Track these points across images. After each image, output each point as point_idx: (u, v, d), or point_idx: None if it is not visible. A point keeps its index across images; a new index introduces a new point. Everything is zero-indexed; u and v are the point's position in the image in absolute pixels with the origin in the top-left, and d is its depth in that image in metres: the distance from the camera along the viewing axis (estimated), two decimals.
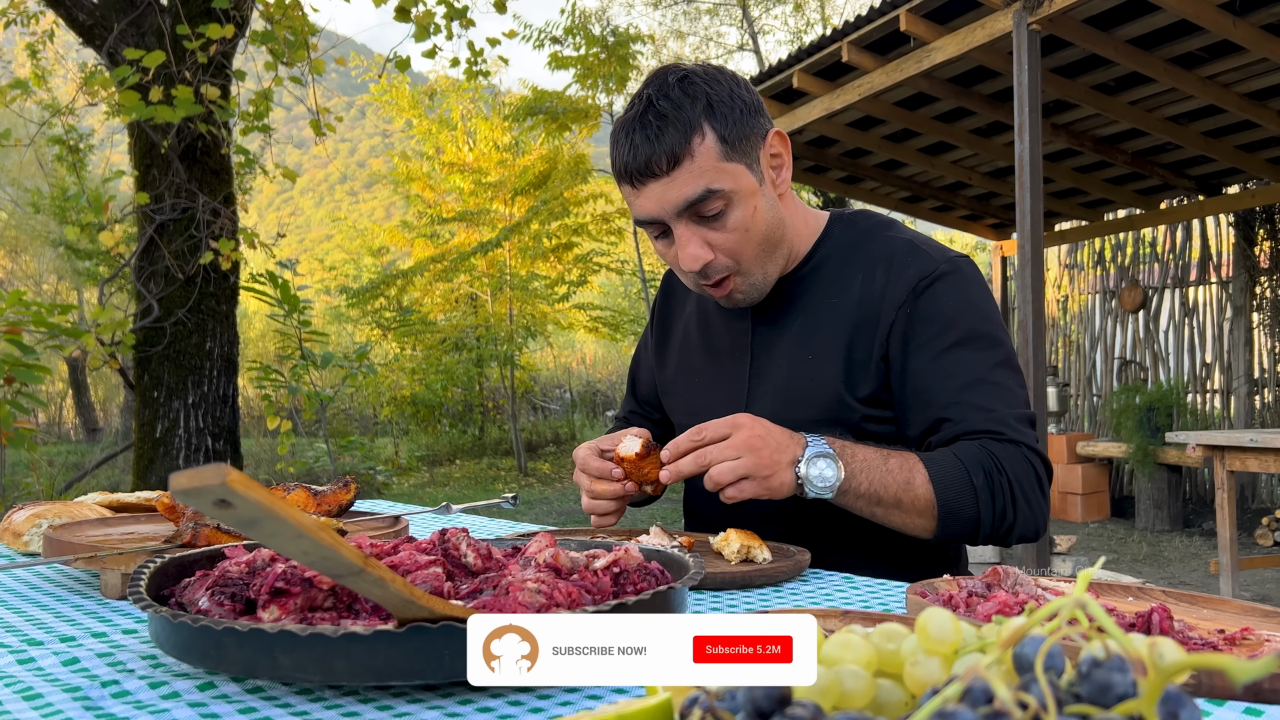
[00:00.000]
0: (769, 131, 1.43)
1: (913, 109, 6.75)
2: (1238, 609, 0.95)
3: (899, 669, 0.52)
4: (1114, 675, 0.40)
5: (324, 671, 0.70)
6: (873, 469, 1.30)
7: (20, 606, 1.08)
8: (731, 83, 1.40)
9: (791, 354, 1.50)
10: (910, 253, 1.47)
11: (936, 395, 1.39)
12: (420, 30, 5.85)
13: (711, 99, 1.36)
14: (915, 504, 1.32)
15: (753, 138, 1.39)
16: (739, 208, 1.39)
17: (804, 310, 1.51)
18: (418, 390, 14.68)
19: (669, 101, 1.35)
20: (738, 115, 1.37)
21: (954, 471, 1.32)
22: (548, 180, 14.08)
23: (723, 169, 1.36)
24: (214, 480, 0.49)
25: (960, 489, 1.32)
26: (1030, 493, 1.36)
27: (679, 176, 1.35)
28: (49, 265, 21.64)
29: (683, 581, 0.88)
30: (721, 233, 1.39)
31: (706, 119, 1.35)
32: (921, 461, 1.33)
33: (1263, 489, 8.06)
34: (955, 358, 1.40)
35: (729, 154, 1.36)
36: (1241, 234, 7.93)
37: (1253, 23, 5.17)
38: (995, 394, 1.39)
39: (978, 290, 1.46)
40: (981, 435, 1.36)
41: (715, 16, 21.46)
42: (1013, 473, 1.34)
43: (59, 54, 9.86)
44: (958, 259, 1.47)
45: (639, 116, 1.37)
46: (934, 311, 1.42)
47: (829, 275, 1.51)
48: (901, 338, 1.42)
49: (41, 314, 4.82)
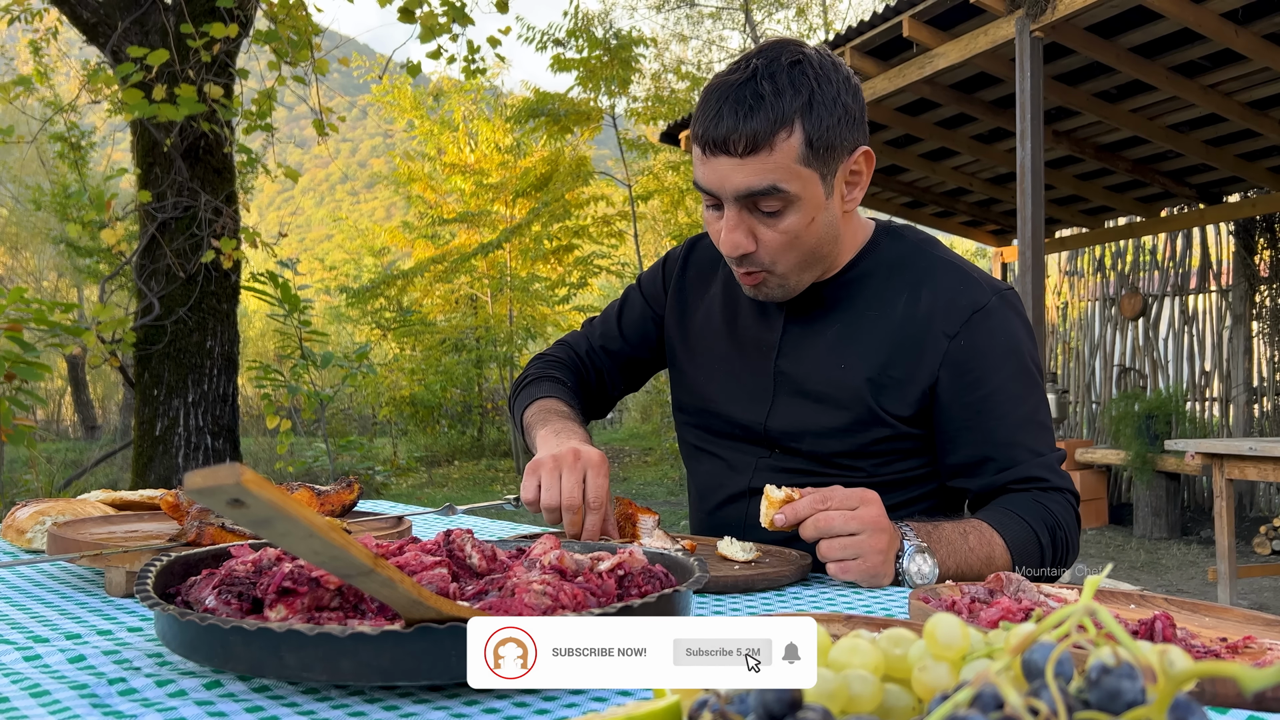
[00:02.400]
0: (859, 147, 1.39)
1: (914, 114, 6.76)
2: (1239, 617, 0.96)
3: (907, 674, 0.53)
4: (1123, 682, 0.41)
5: (330, 671, 0.71)
6: (958, 552, 1.31)
7: (25, 603, 1.08)
8: (842, 85, 1.35)
9: (823, 359, 1.48)
10: (962, 280, 1.46)
11: (985, 433, 1.42)
12: (426, 32, 5.85)
13: (815, 97, 1.31)
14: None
15: (840, 150, 1.35)
16: (797, 214, 1.36)
17: (841, 318, 1.49)
18: (417, 391, 14.69)
19: (772, 83, 1.30)
20: (835, 122, 1.33)
21: (1027, 539, 1.37)
22: (549, 182, 14.09)
23: (797, 172, 1.32)
24: (228, 480, 0.50)
25: (1032, 554, 1.38)
26: (1074, 537, 1.44)
27: (751, 163, 1.31)
28: (49, 262, 21.66)
29: (688, 585, 0.88)
30: (771, 230, 1.37)
31: (801, 116, 1.30)
32: (996, 533, 1.35)
33: (1261, 497, 8.06)
34: (1005, 396, 1.42)
35: (809, 159, 1.32)
36: (1242, 242, 7.94)
37: (1255, 32, 5.18)
38: (1041, 435, 1.44)
39: (1024, 325, 1.47)
40: (1031, 483, 1.42)
41: (718, 20, 21.49)
42: (1067, 525, 1.41)
43: (62, 51, 9.86)
44: (1005, 291, 1.47)
45: (738, 86, 1.31)
46: (987, 347, 1.42)
47: (873, 287, 1.49)
48: (954, 370, 1.42)
49: (43, 311, 4.82)
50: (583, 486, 1.32)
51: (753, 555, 1.29)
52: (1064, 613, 0.44)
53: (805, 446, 1.49)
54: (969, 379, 1.41)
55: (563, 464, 1.33)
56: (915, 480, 1.49)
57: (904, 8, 5.29)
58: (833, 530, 1.20)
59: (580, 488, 1.31)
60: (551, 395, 1.66)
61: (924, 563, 1.25)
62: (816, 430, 1.47)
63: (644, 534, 1.33)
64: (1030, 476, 1.41)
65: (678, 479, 12.02)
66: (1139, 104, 6.30)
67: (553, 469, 1.33)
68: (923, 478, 1.50)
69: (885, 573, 1.22)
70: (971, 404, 1.41)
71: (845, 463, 1.47)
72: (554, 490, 1.31)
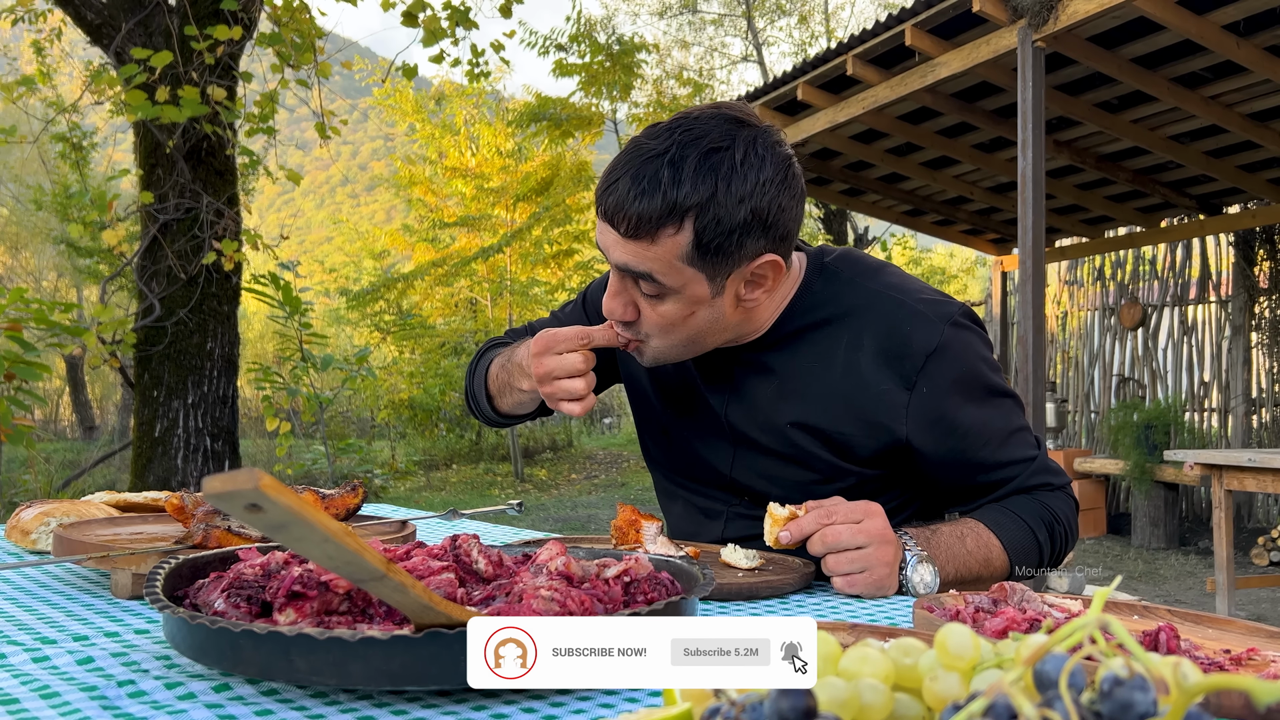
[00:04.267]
0: (762, 256, 1.29)
1: (916, 123, 6.77)
2: (1243, 629, 0.96)
3: (917, 683, 0.53)
4: (1135, 694, 0.41)
5: (340, 675, 0.71)
6: (956, 557, 1.32)
7: (31, 605, 1.08)
8: (762, 186, 1.24)
9: (770, 416, 1.44)
10: (903, 318, 1.38)
11: (980, 464, 1.43)
12: (428, 36, 5.87)
13: (717, 197, 1.21)
14: (993, 575, 1.37)
15: (735, 257, 1.27)
16: (675, 303, 1.30)
17: (781, 374, 1.43)
18: (416, 394, 14.68)
19: (673, 171, 1.21)
20: (733, 227, 1.23)
21: (1024, 537, 1.39)
22: (550, 186, 14.11)
23: (676, 268, 1.26)
24: (247, 485, 0.50)
25: (1030, 554, 1.40)
26: (1073, 527, 1.47)
27: (630, 246, 1.25)
28: (49, 262, 21.66)
29: (694, 592, 0.88)
30: (650, 309, 1.32)
31: (695, 215, 1.22)
32: (994, 535, 1.36)
33: (1259, 508, 8.07)
34: (982, 423, 1.41)
35: (694, 259, 1.25)
36: (1241, 253, 7.95)
37: (1256, 44, 5.20)
38: (1025, 441, 1.45)
39: (980, 342, 1.43)
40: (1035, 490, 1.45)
41: (720, 27, 21.53)
42: (1065, 519, 1.44)
43: (65, 51, 9.88)
44: (956, 315, 1.39)
45: (643, 161, 1.23)
46: (950, 386, 1.38)
47: (810, 339, 1.42)
48: (923, 421, 1.38)
49: (43, 311, 4.82)
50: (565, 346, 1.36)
51: (756, 563, 1.29)
52: (1077, 624, 0.44)
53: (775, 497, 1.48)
54: (943, 426, 1.39)
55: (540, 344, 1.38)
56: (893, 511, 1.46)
57: (907, 16, 5.31)
58: (840, 545, 1.20)
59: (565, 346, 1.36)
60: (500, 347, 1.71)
61: (927, 573, 1.26)
62: (783, 483, 1.46)
63: (647, 540, 1.34)
64: (1031, 486, 1.45)
65: None
66: (1140, 114, 6.32)
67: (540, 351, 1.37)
68: (898, 508, 1.50)
69: (891, 584, 1.23)
70: (953, 447, 1.40)
71: None
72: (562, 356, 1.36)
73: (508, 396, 1.57)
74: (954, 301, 1.42)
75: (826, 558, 1.22)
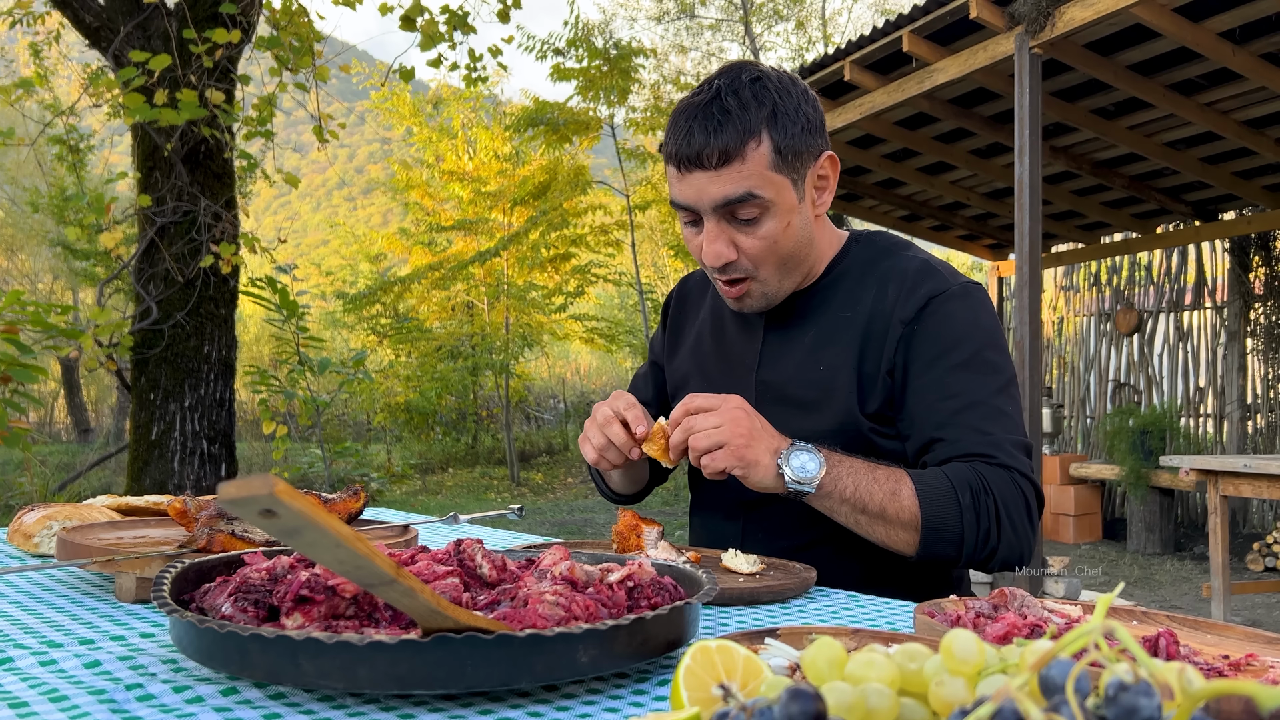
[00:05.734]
0: (823, 152, 1.45)
1: (913, 128, 6.79)
2: (1241, 635, 0.97)
3: (922, 688, 0.54)
4: (1140, 699, 0.42)
5: (348, 679, 0.71)
6: (859, 475, 1.32)
7: (36, 608, 1.08)
8: (801, 96, 1.42)
9: (803, 364, 1.51)
10: (924, 272, 1.49)
11: (935, 414, 1.40)
12: (426, 40, 5.87)
13: (778, 108, 1.38)
14: (900, 516, 1.32)
15: (806, 155, 1.41)
16: (774, 219, 1.41)
17: (817, 323, 1.53)
18: (412, 397, 14.67)
19: (736, 99, 1.37)
20: (798, 130, 1.39)
21: (940, 488, 1.32)
22: (547, 191, 14.11)
23: (769, 178, 1.38)
24: (262, 490, 0.51)
25: (945, 506, 1.31)
26: (1017, 518, 1.35)
27: (725, 174, 1.37)
28: (44, 264, 21.62)
29: (698, 597, 0.89)
30: (750, 238, 1.42)
31: (768, 126, 1.37)
32: (909, 476, 1.34)
33: (1254, 514, 8.09)
34: (957, 378, 1.41)
35: (780, 165, 1.38)
36: (1236, 260, 7.98)
37: (1252, 51, 5.22)
38: (993, 418, 1.39)
39: (986, 316, 1.48)
40: (975, 458, 1.37)
41: (718, 32, 21.57)
42: (1000, 496, 1.34)
43: (62, 54, 9.87)
44: (969, 284, 1.48)
45: (704, 105, 1.38)
46: (940, 331, 1.43)
47: (844, 290, 1.53)
48: (905, 354, 1.43)
49: (39, 314, 4.82)
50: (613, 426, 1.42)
51: (757, 568, 1.30)
52: (1082, 630, 0.45)
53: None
54: (920, 363, 1.43)
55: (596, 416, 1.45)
56: None
57: (904, 23, 5.32)
58: (696, 429, 1.29)
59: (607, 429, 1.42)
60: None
61: (807, 460, 1.29)
62: (801, 436, 1.47)
63: (648, 545, 1.34)
64: (973, 452, 1.37)
65: (672, 489, 12.02)
66: (1136, 121, 6.34)
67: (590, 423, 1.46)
68: None
69: (756, 460, 1.28)
70: (920, 387, 1.42)
71: None
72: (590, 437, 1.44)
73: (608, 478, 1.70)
74: (973, 280, 1.50)
75: (690, 438, 1.29)
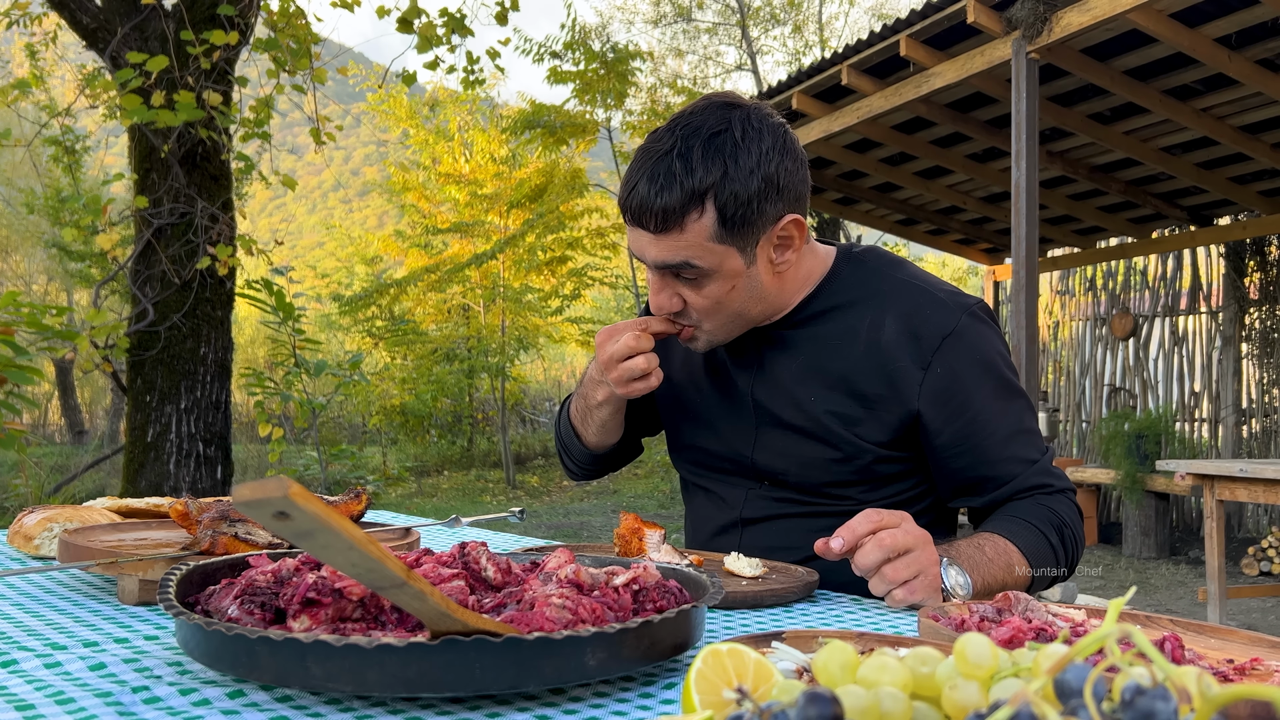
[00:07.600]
0: (783, 217, 1.37)
1: (910, 133, 6.80)
2: (1245, 639, 0.97)
3: (935, 692, 0.54)
4: (1157, 703, 0.42)
5: (356, 682, 0.71)
6: (979, 564, 1.30)
7: (39, 610, 1.08)
8: (766, 155, 1.32)
9: (794, 392, 1.48)
10: (924, 303, 1.45)
11: (983, 453, 1.43)
12: (423, 42, 5.87)
13: (730, 172, 1.30)
14: (1019, 581, 1.36)
15: (759, 223, 1.34)
16: (716, 283, 1.37)
17: (807, 350, 1.49)
18: (407, 400, 14.65)
19: (684, 161, 1.30)
20: (751, 195, 1.31)
21: (1039, 543, 1.38)
22: (544, 194, 14.11)
23: (709, 249, 1.33)
24: (277, 493, 0.51)
25: (1046, 556, 1.39)
26: (1080, 533, 1.46)
27: (664, 241, 1.33)
28: (39, 266, 21.57)
29: (704, 601, 0.89)
30: (695, 294, 1.39)
31: (713, 195, 1.30)
32: (1008, 541, 1.36)
33: (1249, 518, 8.11)
34: (991, 412, 1.43)
35: (723, 236, 1.33)
36: (1232, 265, 8.00)
37: (1248, 57, 5.24)
38: (1031, 443, 1.45)
39: (995, 337, 1.48)
40: (1035, 490, 1.44)
41: (714, 35, 21.59)
42: (1072, 523, 1.44)
43: (58, 55, 9.85)
44: (973, 306, 1.46)
45: (656, 159, 1.32)
46: (963, 370, 1.42)
47: (836, 318, 1.48)
48: (935, 400, 1.42)
49: (35, 315, 4.80)
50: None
51: (759, 571, 1.30)
52: (1098, 634, 0.45)
53: (793, 478, 1.50)
54: (952, 406, 1.42)
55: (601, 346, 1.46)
56: (907, 502, 1.49)
57: (901, 27, 5.34)
58: (896, 548, 1.18)
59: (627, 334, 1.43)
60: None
61: (959, 574, 1.25)
62: (801, 461, 1.48)
63: (650, 549, 1.34)
64: (1030, 486, 1.44)
65: (669, 492, 12.02)
66: (1132, 126, 6.36)
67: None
68: (914, 498, 1.51)
69: (940, 586, 1.23)
70: (960, 430, 1.42)
71: (834, 491, 1.48)
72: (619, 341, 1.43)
73: (590, 421, 1.62)
74: (972, 296, 1.48)
75: (884, 568, 1.18)
